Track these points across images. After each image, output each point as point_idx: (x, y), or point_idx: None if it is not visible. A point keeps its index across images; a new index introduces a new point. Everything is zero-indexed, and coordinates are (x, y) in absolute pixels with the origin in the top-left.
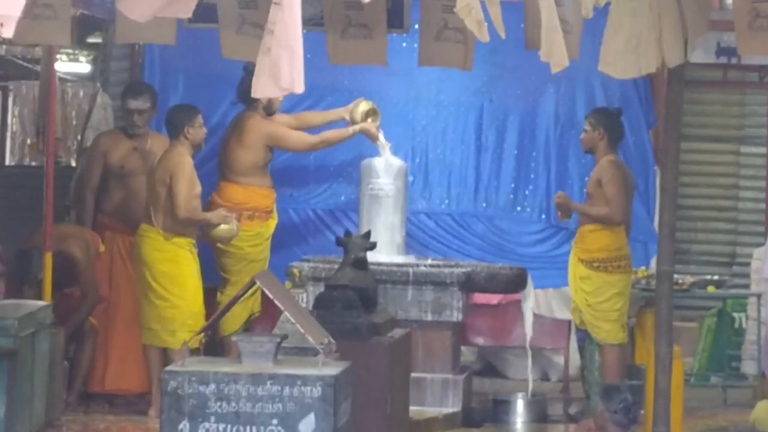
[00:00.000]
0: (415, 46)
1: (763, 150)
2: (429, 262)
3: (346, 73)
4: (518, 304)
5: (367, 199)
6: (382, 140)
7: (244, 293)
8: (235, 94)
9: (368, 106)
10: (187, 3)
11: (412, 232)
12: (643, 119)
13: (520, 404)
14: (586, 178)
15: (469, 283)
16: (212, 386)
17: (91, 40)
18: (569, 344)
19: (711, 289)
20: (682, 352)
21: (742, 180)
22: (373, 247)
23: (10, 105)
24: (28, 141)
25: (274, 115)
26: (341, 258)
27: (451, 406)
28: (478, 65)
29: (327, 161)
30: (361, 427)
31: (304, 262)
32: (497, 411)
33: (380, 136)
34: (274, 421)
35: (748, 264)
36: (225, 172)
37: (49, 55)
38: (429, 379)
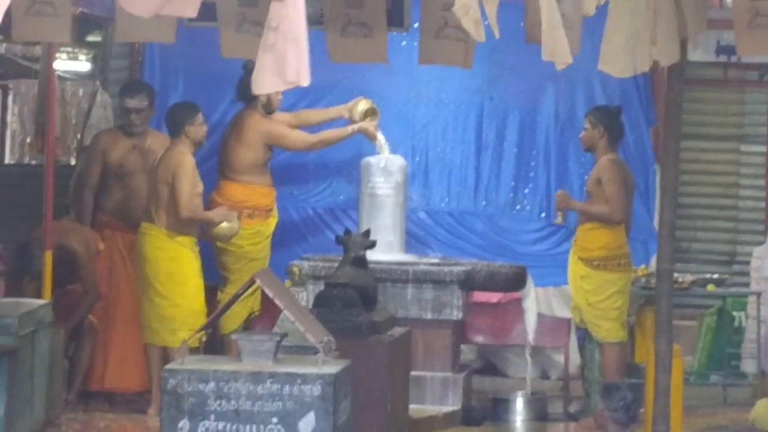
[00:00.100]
0: (415, 44)
1: (763, 149)
2: (429, 261)
3: (346, 72)
4: (518, 303)
5: (367, 198)
6: (380, 140)
7: (244, 292)
8: (234, 93)
9: (367, 105)
10: (191, 1)
11: (412, 230)
12: (643, 118)
13: (519, 403)
14: (586, 177)
15: (469, 282)
16: (212, 384)
17: (90, 38)
18: (569, 343)
19: (711, 288)
20: (682, 350)
21: (742, 179)
22: (372, 245)
23: (10, 103)
24: (28, 139)
25: (274, 113)
26: (341, 256)
27: (451, 405)
28: (479, 63)
29: (327, 159)
30: (360, 426)
31: (304, 261)
32: (497, 409)
33: (379, 136)
34: (274, 420)
35: (748, 262)
36: (225, 170)
37: (49, 54)
38: (429, 377)
